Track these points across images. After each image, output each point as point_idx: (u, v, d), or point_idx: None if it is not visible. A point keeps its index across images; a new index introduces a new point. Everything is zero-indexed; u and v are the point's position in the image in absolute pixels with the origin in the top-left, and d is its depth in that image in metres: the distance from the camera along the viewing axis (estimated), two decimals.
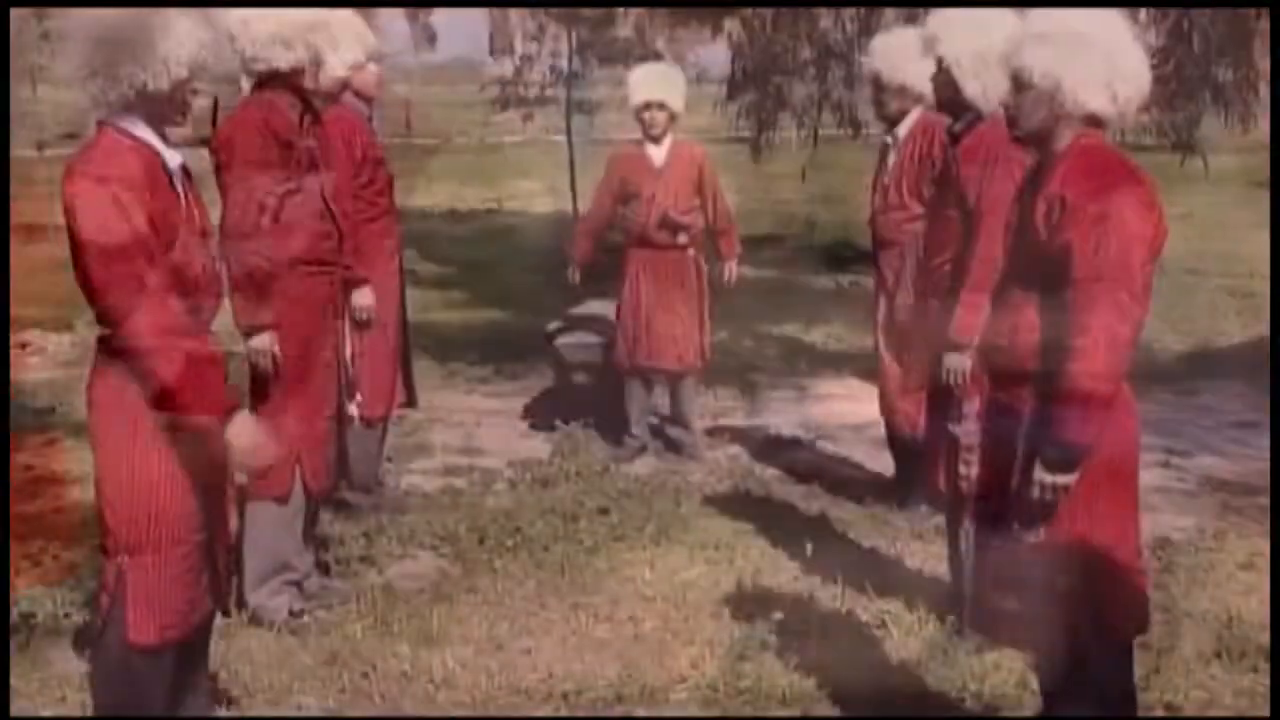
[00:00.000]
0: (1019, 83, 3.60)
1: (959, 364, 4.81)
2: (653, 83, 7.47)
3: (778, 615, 5.19)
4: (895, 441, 6.73)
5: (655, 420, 7.91)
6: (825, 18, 8.48)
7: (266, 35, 4.77)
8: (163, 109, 3.65)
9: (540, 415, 8.41)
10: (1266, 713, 4.43)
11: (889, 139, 6.43)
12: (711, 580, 5.65)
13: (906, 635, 5.05)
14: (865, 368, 9.74)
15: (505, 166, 26.73)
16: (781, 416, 8.57)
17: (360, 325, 5.64)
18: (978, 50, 4.82)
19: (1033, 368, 3.56)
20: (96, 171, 3.53)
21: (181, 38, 3.57)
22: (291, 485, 4.99)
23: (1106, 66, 3.51)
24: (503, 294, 13.08)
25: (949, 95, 5.06)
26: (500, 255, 15.46)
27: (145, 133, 3.62)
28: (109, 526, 3.72)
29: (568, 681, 4.71)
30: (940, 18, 5.06)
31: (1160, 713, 4.34)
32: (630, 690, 4.66)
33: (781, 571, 5.73)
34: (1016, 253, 3.65)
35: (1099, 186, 3.45)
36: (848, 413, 8.35)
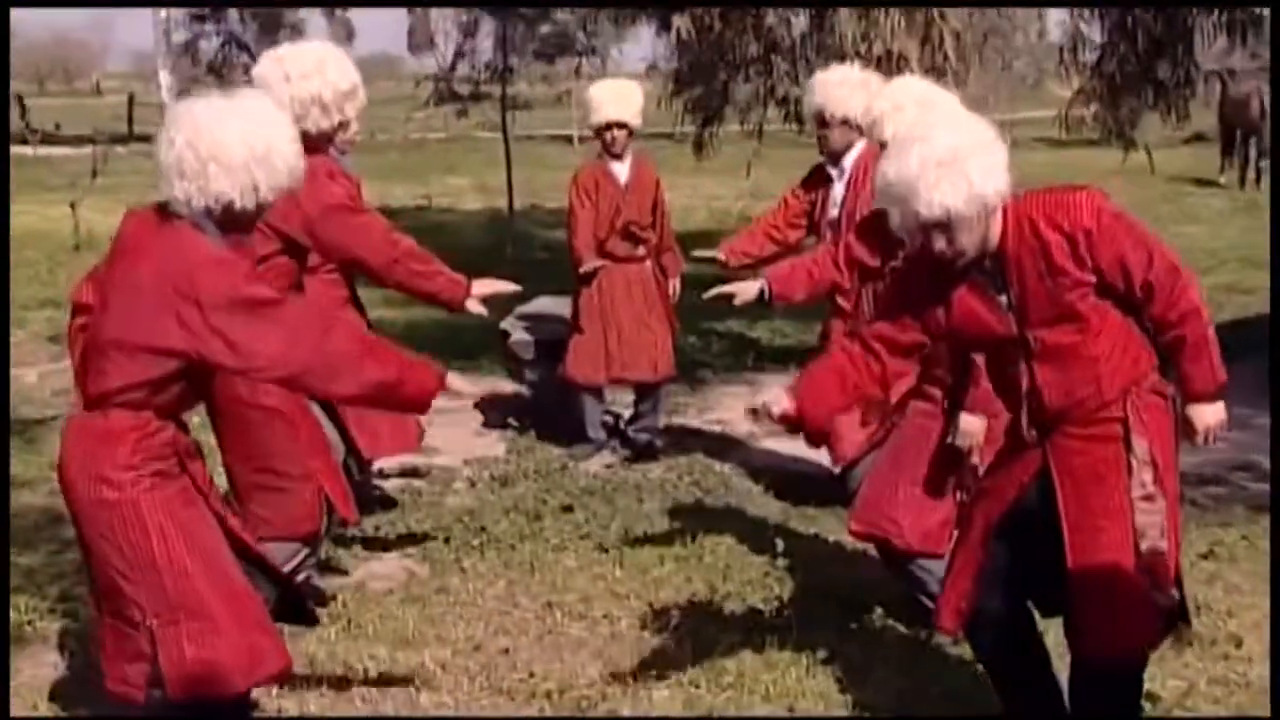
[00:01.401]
0: (944, 225, 3.62)
1: (979, 427, 4.82)
2: (614, 103, 7.43)
3: (754, 612, 5.22)
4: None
5: (610, 419, 7.90)
6: (771, 15, 8.50)
7: (309, 98, 4.73)
8: (239, 223, 3.67)
9: (494, 413, 8.37)
10: (1243, 698, 4.53)
11: (833, 171, 6.41)
12: (683, 577, 5.65)
13: (883, 630, 5.08)
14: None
15: (431, 163, 26.58)
16: (734, 413, 8.57)
17: None
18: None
19: (1132, 378, 3.69)
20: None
21: (278, 166, 3.60)
22: (321, 522, 4.87)
23: (996, 152, 3.63)
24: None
25: None
26: (435, 252, 15.32)
27: (216, 238, 3.61)
28: (129, 597, 3.62)
29: (549, 681, 4.69)
30: (884, 98, 5.03)
31: (1143, 704, 4.38)
32: (613, 689, 4.64)
33: (751, 568, 5.74)
34: (1048, 314, 3.68)
35: (1085, 203, 3.63)
36: None
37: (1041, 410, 3.75)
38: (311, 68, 4.81)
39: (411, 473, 7.23)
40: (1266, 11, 8.72)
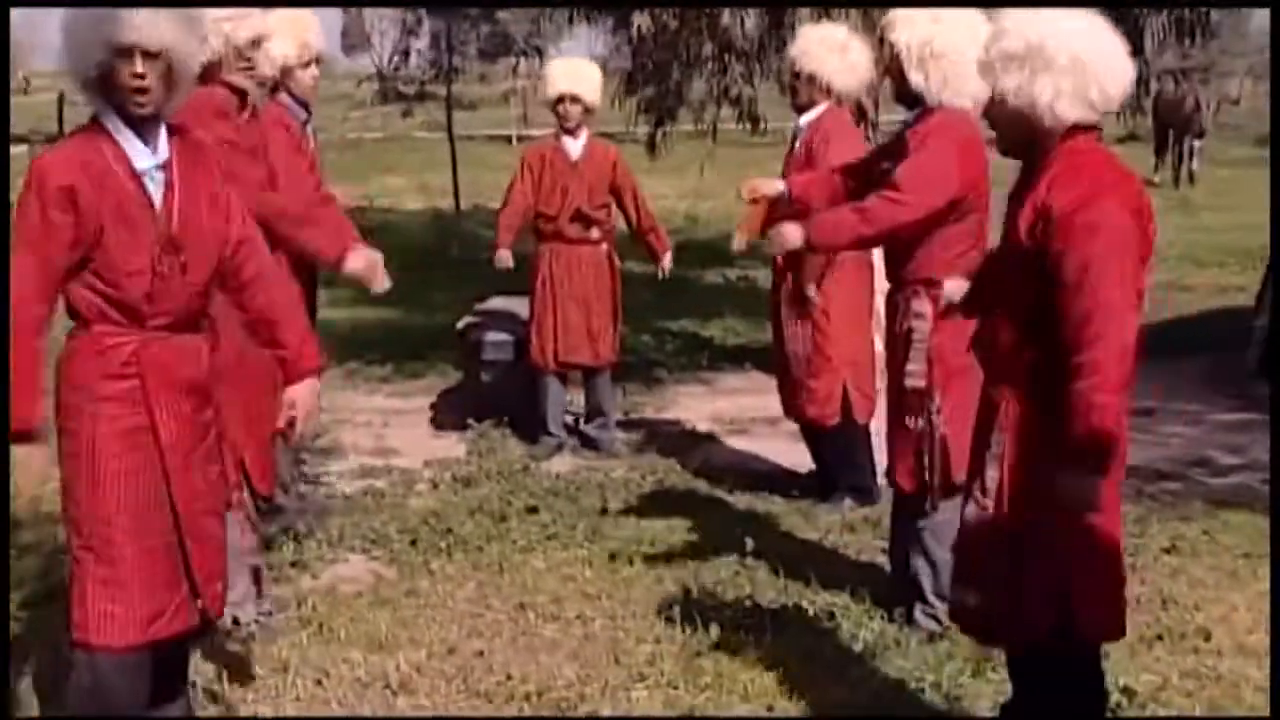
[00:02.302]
0: (993, 100, 3.61)
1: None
2: (567, 76, 7.46)
3: (727, 611, 5.21)
4: (811, 436, 6.78)
5: (570, 417, 7.88)
6: (726, 14, 8.50)
7: None
8: (106, 94, 3.58)
9: (450, 414, 8.32)
10: (1215, 691, 4.58)
11: (796, 126, 6.51)
12: (652, 577, 5.63)
13: (857, 627, 5.08)
14: (766, 362, 9.84)
15: (369, 163, 26.35)
16: (691, 411, 8.58)
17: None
18: (923, 39, 4.87)
19: (1012, 380, 3.63)
20: (39, 171, 3.55)
21: (97, 23, 3.51)
22: (238, 492, 4.82)
23: (1079, 78, 3.46)
24: (389, 291, 12.86)
25: (899, 86, 5.09)
26: (379, 252, 15.23)
27: (121, 131, 3.57)
28: (70, 520, 3.67)
29: (527, 683, 4.66)
30: (900, 9, 5.10)
31: (1116, 696, 4.41)
32: (591, 690, 4.62)
33: (721, 567, 5.72)
34: (999, 258, 3.71)
35: (1086, 195, 3.41)
36: (757, 407, 8.39)
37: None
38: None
39: (371, 474, 7.18)
40: (1214, 13, 8.88)
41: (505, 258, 7.59)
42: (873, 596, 5.30)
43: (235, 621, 4.95)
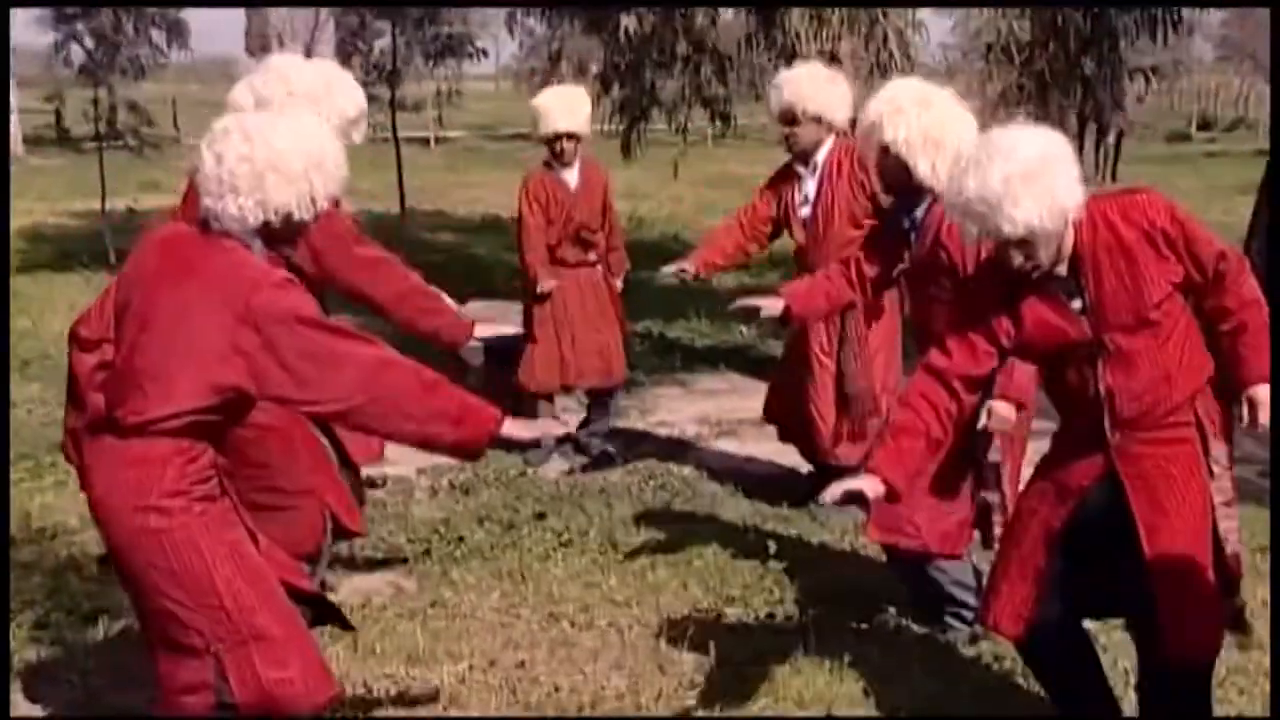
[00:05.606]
0: (1026, 241, 3.58)
1: (1010, 413, 4.77)
2: (565, 114, 7.24)
3: (761, 616, 5.16)
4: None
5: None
6: (700, 15, 8.44)
7: None
8: (289, 236, 3.54)
9: None
10: (1268, 687, 4.59)
11: (802, 170, 6.40)
12: (678, 583, 5.57)
13: (896, 631, 5.06)
14: (739, 362, 9.84)
15: None
16: (675, 414, 8.52)
17: None
18: (922, 129, 4.74)
19: (1200, 383, 3.70)
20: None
21: (333, 171, 3.48)
22: (325, 539, 4.69)
23: (1074, 164, 3.58)
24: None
25: (900, 179, 4.90)
26: None
27: (261, 255, 3.49)
28: (188, 624, 3.45)
29: (578, 694, 4.58)
30: (881, 101, 4.96)
31: None
32: (645, 700, 4.55)
33: (744, 571, 5.67)
34: (1126, 317, 3.66)
35: (1159, 200, 3.68)
36: (740, 408, 8.35)
37: (1114, 414, 3.73)
38: (320, 90, 4.62)
39: (368, 484, 7.02)
40: (1186, 11, 9.01)
41: (549, 283, 7.34)
42: (903, 598, 5.27)
43: None
